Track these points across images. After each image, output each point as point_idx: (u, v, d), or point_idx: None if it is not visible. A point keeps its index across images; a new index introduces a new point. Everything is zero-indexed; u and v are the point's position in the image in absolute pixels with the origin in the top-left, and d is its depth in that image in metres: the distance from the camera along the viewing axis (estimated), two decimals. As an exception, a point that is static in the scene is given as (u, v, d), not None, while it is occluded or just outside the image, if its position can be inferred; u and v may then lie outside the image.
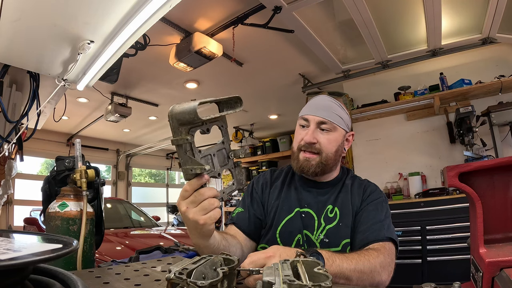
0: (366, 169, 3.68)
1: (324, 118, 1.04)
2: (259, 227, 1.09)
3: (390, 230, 0.97)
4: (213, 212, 0.68)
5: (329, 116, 1.05)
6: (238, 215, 1.10)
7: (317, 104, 1.09)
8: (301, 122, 1.09)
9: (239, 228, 1.06)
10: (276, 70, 4.02)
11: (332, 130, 1.05)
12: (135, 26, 1.31)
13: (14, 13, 1.16)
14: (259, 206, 1.12)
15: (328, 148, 1.04)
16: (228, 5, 2.73)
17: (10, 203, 5.35)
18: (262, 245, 1.06)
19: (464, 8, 2.68)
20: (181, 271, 0.43)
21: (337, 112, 1.07)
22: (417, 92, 3.39)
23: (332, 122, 1.05)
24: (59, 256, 0.33)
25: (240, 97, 0.70)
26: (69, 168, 1.06)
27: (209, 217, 0.68)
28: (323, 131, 1.05)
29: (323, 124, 1.04)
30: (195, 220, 0.68)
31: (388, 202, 1.09)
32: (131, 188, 7.87)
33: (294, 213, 1.05)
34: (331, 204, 1.06)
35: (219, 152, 0.73)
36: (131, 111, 4.46)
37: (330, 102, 1.09)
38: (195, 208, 0.67)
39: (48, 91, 1.72)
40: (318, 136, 1.04)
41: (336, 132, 1.06)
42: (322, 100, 1.10)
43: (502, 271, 0.54)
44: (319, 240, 1.00)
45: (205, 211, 0.68)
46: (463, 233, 2.63)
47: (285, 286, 0.40)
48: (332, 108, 1.07)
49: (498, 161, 0.65)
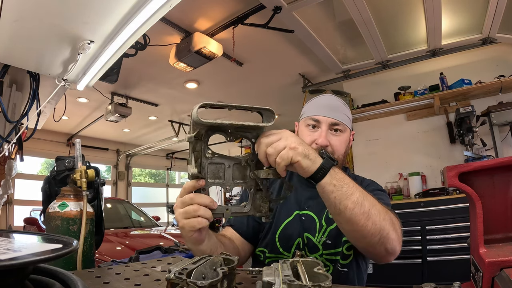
0: (366, 169, 3.68)
1: (337, 119, 1.01)
2: (257, 230, 1.07)
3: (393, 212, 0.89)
4: (194, 219, 0.65)
5: (340, 117, 1.02)
6: (235, 219, 1.09)
7: (326, 104, 1.05)
8: (310, 122, 1.03)
9: (236, 230, 1.04)
10: (276, 70, 4.02)
11: (343, 131, 1.02)
12: (135, 26, 1.31)
13: (14, 13, 1.16)
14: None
15: (339, 150, 1.01)
16: (228, 5, 2.73)
17: (10, 203, 5.36)
18: (261, 249, 1.04)
19: (464, 8, 2.68)
20: (181, 271, 0.43)
21: (345, 112, 1.05)
22: (417, 92, 3.39)
23: (343, 122, 1.02)
24: (59, 256, 0.33)
25: (272, 111, 0.64)
26: (69, 168, 1.05)
27: (188, 223, 0.66)
28: (335, 132, 1.01)
29: (335, 126, 1.01)
30: (177, 220, 0.68)
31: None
32: (131, 188, 7.87)
33: (293, 216, 1.03)
34: None
35: (239, 166, 0.68)
36: (131, 111, 4.46)
37: (338, 102, 1.06)
38: (181, 209, 0.67)
39: (48, 91, 1.72)
40: (330, 138, 1.00)
41: (346, 133, 1.04)
42: (330, 100, 1.06)
43: (502, 271, 0.54)
44: (321, 242, 0.97)
45: (187, 215, 0.66)
46: (463, 233, 2.64)
47: (285, 286, 0.40)
48: (341, 108, 1.04)
49: (498, 161, 0.65)
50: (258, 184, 0.69)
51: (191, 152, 0.63)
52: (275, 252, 1.01)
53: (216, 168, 0.66)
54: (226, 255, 0.55)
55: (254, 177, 0.68)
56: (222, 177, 0.67)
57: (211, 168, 0.66)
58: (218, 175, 0.67)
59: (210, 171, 0.66)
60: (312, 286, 0.39)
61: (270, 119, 0.65)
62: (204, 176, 0.65)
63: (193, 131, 0.62)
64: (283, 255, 0.99)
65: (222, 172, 0.67)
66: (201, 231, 0.70)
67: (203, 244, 0.75)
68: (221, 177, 0.67)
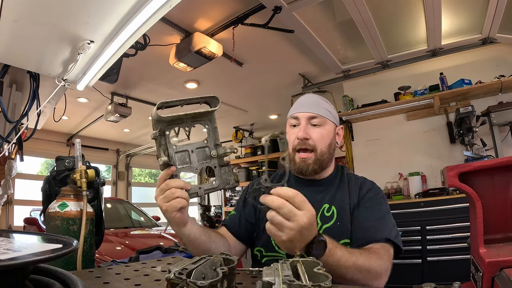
0: (366, 169, 3.68)
1: (314, 112, 1.05)
2: (250, 231, 1.10)
3: (389, 228, 0.94)
4: (174, 201, 0.75)
5: (318, 111, 1.05)
6: (230, 217, 1.14)
7: (304, 101, 1.10)
8: (291, 122, 1.09)
9: (229, 230, 1.09)
10: (276, 70, 4.02)
11: (323, 124, 1.06)
12: (135, 26, 1.31)
13: (14, 13, 1.16)
14: (251, 210, 1.12)
15: (321, 143, 1.04)
16: (228, 5, 2.73)
17: (10, 203, 5.36)
18: (258, 248, 1.06)
19: (464, 8, 2.68)
20: (180, 271, 0.43)
21: (325, 107, 1.08)
22: (417, 92, 3.39)
23: (322, 115, 1.05)
24: (59, 256, 0.33)
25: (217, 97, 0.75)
26: (69, 168, 1.05)
27: (170, 205, 0.75)
28: (314, 126, 1.05)
29: (313, 119, 1.05)
30: (160, 206, 0.77)
31: (388, 202, 1.07)
32: (131, 188, 7.87)
33: None
34: (327, 203, 1.04)
35: (201, 149, 0.78)
36: (131, 111, 4.46)
37: (317, 98, 1.11)
38: (161, 195, 0.76)
39: (48, 91, 1.72)
40: (310, 132, 1.04)
41: (327, 125, 1.07)
42: (309, 97, 1.12)
43: (502, 271, 0.54)
44: None
45: (167, 199, 0.75)
46: (463, 233, 2.63)
47: (285, 286, 0.40)
48: (320, 103, 1.08)
49: (498, 161, 0.65)
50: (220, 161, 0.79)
51: (158, 147, 0.74)
52: (271, 250, 1.02)
53: (182, 156, 0.77)
54: (226, 255, 0.55)
55: (215, 156, 0.78)
56: (189, 161, 0.77)
57: (178, 156, 0.76)
58: (185, 160, 0.77)
59: (178, 159, 0.76)
60: (312, 286, 0.39)
61: (217, 104, 0.77)
62: (173, 163, 0.75)
63: (155, 128, 0.73)
64: (279, 253, 1.00)
65: (188, 158, 0.77)
66: (182, 212, 0.79)
67: (186, 226, 0.83)
68: (188, 162, 0.77)
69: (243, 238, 1.09)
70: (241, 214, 1.12)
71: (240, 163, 6.29)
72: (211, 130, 0.78)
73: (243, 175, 6.10)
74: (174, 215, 0.77)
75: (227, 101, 5.05)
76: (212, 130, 0.78)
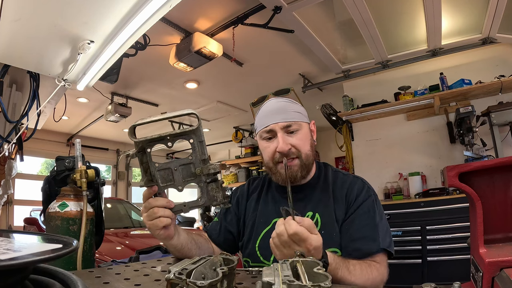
0: (366, 169, 3.67)
1: (288, 121, 0.99)
2: (230, 239, 1.11)
3: (383, 235, 0.92)
4: (156, 220, 0.77)
5: (290, 117, 1.00)
6: (211, 224, 1.16)
7: (271, 109, 1.02)
8: (264, 135, 1.02)
9: (210, 237, 1.12)
10: (276, 70, 4.02)
11: (299, 128, 1.00)
12: (135, 26, 1.31)
13: (14, 13, 1.16)
14: (233, 219, 1.12)
15: (304, 147, 1.00)
16: (228, 5, 2.73)
17: (10, 203, 5.35)
18: (245, 259, 1.06)
19: (464, 8, 2.68)
20: (180, 271, 0.43)
21: (294, 109, 1.03)
22: (417, 92, 3.39)
23: (296, 120, 1.00)
24: (59, 256, 0.33)
25: (195, 113, 0.70)
26: (69, 168, 1.06)
27: (153, 224, 0.78)
28: (292, 133, 1.00)
29: (289, 127, 0.99)
30: (145, 223, 0.80)
31: (388, 202, 1.06)
32: (131, 188, 7.86)
33: (272, 225, 1.01)
34: (311, 211, 1.00)
35: (186, 166, 0.75)
36: (131, 111, 4.46)
37: (282, 102, 1.04)
38: (145, 213, 0.79)
39: (48, 91, 1.73)
40: (289, 141, 0.98)
41: (303, 128, 1.02)
42: (274, 104, 1.04)
43: (502, 271, 0.54)
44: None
45: (149, 217, 0.78)
46: (463, 233, 2.63)
47: (285, 286, 0.40)
48: (287, 107, 1.02)
49: (498, 161, 0.65)
50: (206, 178, 0.75)
51: (140, 165, 0.73)
52: (256, 261, 1.01)
53: (165, 173, 0.75)
54: (226, 255, 0.55)
55: (200, 173, 0.74)
56: (172, 179, 0.75)
57: (161, 174, 0.75)
58: (168, 178, 0.75)
59: (160, 177, 0.75)
60: (312, 286, 0.39)
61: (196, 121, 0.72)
62: (155, 183, 0.75)
63: (136, 147, 0.71)
64: (264, 264, 0.99)
65: (171, 175, 0.75)
66: (166, 228, 0.80)
67: (173, 239, 0.85)
68: (172, 180, 0.75)
69: (224, 245, 1.10)
70: (222, 222, 1.13)
71: (240, 163, 6.29)
72: (197, 144, 0.72)
73: (243, 175, 6.09)
74: (158, 233, 0.80)
75: (227, 101, 5.05)
76: (198, 145, 0.72)
